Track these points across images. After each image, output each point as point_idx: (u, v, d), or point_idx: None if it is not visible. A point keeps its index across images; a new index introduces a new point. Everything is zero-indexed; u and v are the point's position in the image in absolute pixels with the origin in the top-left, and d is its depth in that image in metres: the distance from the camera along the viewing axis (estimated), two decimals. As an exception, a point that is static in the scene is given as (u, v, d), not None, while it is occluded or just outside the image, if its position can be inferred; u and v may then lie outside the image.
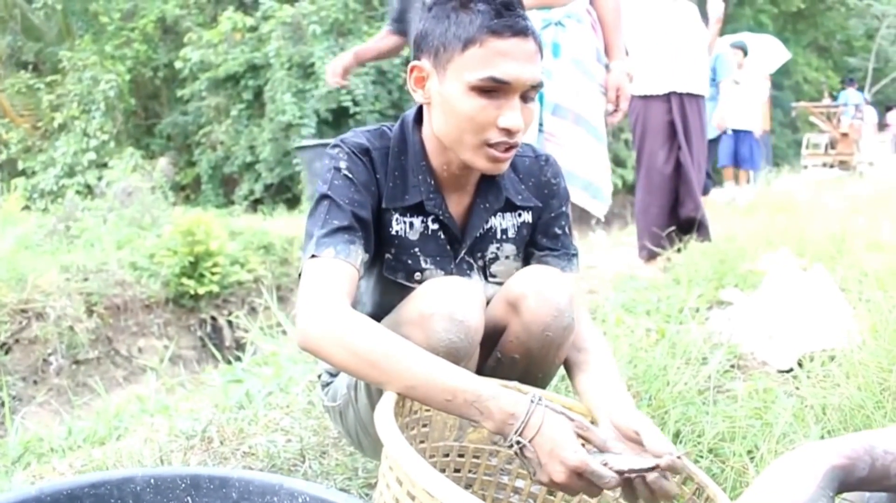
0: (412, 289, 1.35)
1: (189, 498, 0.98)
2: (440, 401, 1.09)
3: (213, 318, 7.00)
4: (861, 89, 17.34)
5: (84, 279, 6.40)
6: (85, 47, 12.37)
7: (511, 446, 1.07)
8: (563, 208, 1.51)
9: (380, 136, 1.41)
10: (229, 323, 6.64)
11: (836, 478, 0.87)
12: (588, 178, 2.52)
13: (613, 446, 1.15)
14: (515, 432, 1.06)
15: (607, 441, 1.15)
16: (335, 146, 1.37)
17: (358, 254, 1.28)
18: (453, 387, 1.08)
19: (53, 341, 5.87)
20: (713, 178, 6.97)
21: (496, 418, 1.07)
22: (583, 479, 1.03)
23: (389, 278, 1.41)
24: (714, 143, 7.12)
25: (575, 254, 1.51)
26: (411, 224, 1.39)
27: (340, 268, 1.24)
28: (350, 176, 1.33)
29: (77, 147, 11.62)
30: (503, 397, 1.08)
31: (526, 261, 1.50)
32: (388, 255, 1.40)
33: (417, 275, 1.40)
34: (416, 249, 1.40)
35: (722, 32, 4.46)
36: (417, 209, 1.39)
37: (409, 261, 1.40)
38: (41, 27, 13.49)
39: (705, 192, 5.38)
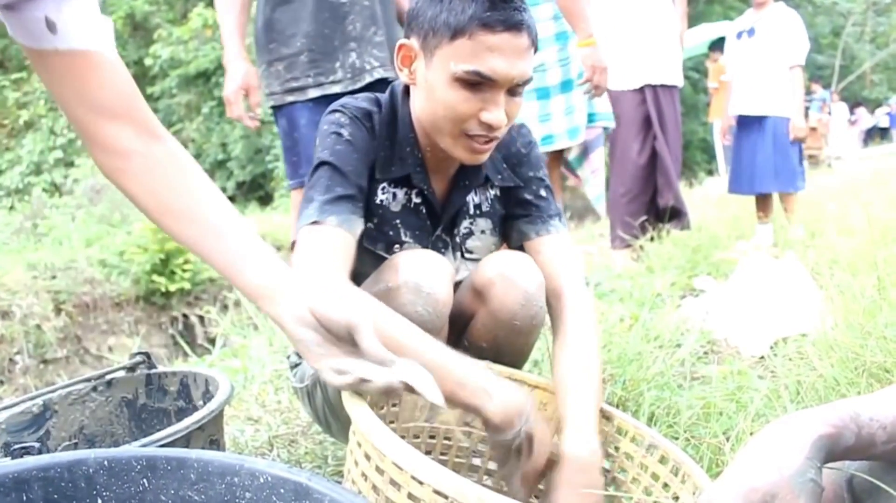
0: None
1: (145, 479, 0.93)
2: (450, 387, 1.03)
3: (185, 316, 6.91)
4: (828, 86, 17.55)
5: (52, 277, 6.29)
6: (52, 44, 12.23)
7: (519, 433, 1.08)
8: (533, 174, 1.46)
9: (375, 102, 1.36)
10: (201, 320, 6.55)
11: (823, 447, 0.83)
12: None
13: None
14: (524, 420, 1.07)
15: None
16: (335, 111, 1.32)
17: (359, 225, 1.24)
18: (465, 373, 1.07)
19: (20, 340, 5.76)
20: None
21: (507, 406, 1.06)
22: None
23: (369, 248, 1.36)
24: None
25: (556, 215, 1.44)
26: (395, 195, 1.36)
27: (342, 238, 1.20)
28: (352, 140, 1.28)
29: (44, 145, 11.45)
30: (505, 383, 1.09)
31: (505, 233, 1.47)
32: (369, 225, 1.34)
33: (396, 248, 1.36)
34: (398, 221, 1.36)
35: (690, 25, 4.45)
36: (403, 181, 1.35)
37: (391, 233, 1.36)
38: (6, 24, 13.26)
39: None
